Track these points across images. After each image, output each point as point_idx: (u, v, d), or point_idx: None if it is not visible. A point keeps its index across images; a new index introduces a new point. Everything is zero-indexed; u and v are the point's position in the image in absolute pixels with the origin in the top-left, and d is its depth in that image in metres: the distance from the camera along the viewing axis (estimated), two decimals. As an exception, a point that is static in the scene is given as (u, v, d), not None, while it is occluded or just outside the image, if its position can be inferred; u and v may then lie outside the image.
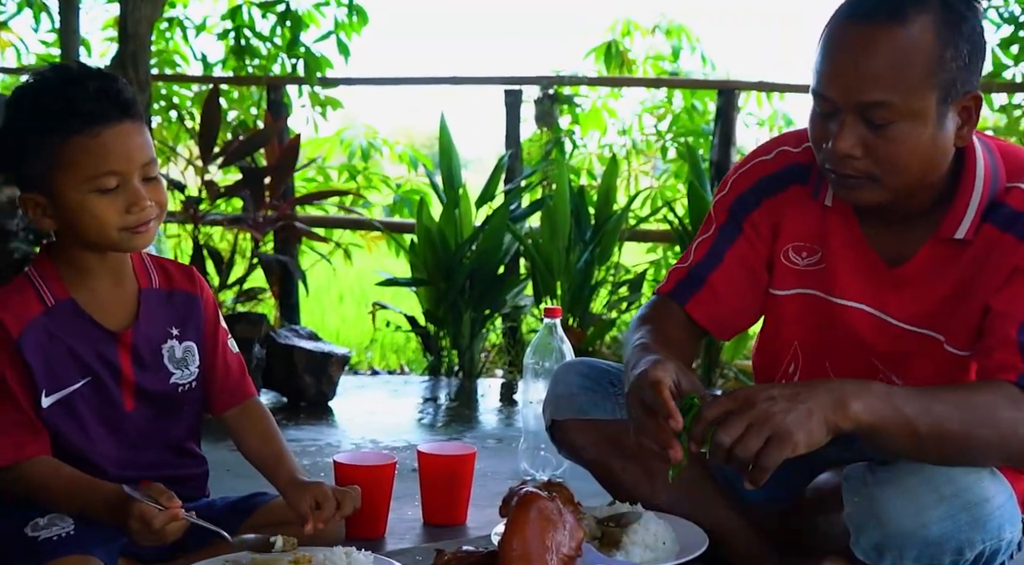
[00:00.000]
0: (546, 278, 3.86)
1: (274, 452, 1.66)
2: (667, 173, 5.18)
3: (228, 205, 4.27)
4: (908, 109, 1.40)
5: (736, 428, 1.27)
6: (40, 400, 1.53)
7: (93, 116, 1.46)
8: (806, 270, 1.63)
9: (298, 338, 3.37)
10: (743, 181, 1.69)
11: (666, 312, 1.70)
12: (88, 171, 1.47)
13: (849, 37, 1.41)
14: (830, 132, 1.44)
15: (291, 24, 4.74)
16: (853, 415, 1.30)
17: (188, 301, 1.67)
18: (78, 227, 1.51)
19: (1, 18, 5.20)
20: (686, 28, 5.47)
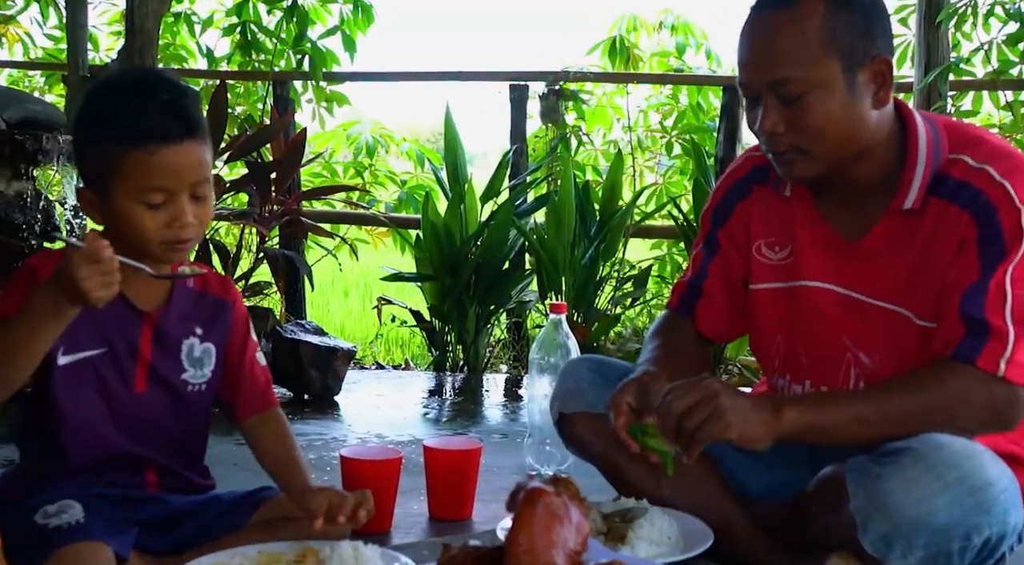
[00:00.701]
0: (551, 274, 3.87)
1: (290, 460, 1.67)
2: (672, 169, 5.18)
3: (234, 200, 4.28)
4: (812, 80, 1.52)
5: (686, 400, 1.46)
6: (56, 357, 1.54)
7: (153, 133, 1.49)
8: (778, 265, 1.72)
9: (304, 333, 3.38)
10: (718, 192, 1.82)
11: (674, 325, 1.83)
12: (138, 183, 1.50)
13: (752, 26, 1.58)
14: (758, 116, 1.57)
15: (297, 20, 4.75)
16: (787, 418, 1.47)
17: (218, 306, 1.70)
18: (121, 231, 1.54)
19: (9, 13, 5.21)
20: (691, 25, 5.46)
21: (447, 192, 3.99)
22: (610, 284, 4.02)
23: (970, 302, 1.49)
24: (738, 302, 1.79)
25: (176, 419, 1.66)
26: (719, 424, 1.45)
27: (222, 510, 1.64)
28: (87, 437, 1.58)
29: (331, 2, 4.91)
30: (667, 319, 1.86)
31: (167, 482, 1.65)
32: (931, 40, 3.81)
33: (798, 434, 1.49)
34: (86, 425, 1.58)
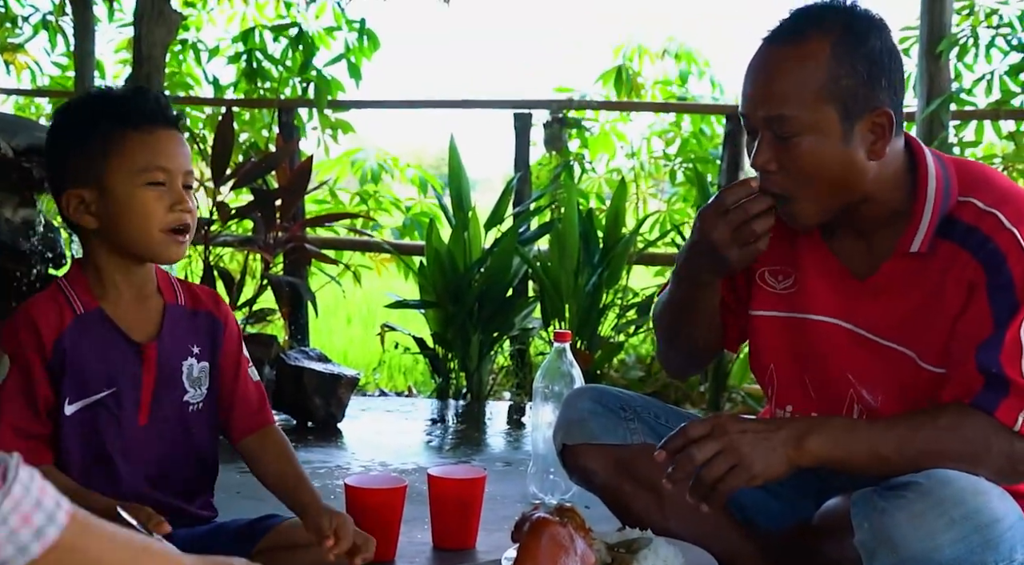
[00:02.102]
0: (555, 301, 3.87)
1: (293, 475, 1.66)
2: (675, 196, 5.20)
3: (239, 226, 4.30)
4: (808, 122, 1.50)
5: (708, 450, 1.42)
6: (63, 408, 1.56)
7: (149, 118, 1.57)
8: (781, 294, 1.70)
9: (308, 360, 3.38)
10: None
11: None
12: (141, 163, 1.55)
13: (757, 59, 1.57)
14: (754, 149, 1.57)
15: (303, 48, 4.79)
16: (808, 451, 1.45)
17: (211, 322, 1.70)
18: (121, 222, 1.56)
19: (17, 41, 5.26)
20: (694, 53, 5.50)
21: (451, 219, 4.00)
22: (613, 312, 4.02)
23: (986, 355, 1.47)
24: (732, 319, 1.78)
25: (183, 447, 1.66)
26: (744, 475, 1.42)
27: (226, 541, 1.63)
28: (96, 481, 1.58)
29: (335, 30, 4.95)
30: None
31: (174, 522, 1.65)
32: (932, 70, 3.84)
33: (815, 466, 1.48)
34: (95, 469, 1.59)
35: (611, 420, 1.82)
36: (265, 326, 4.09)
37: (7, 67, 5.27)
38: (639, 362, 4.07)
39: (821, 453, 1.45)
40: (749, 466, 1.41)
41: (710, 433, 1.44)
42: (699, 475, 1.42)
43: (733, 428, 1.44)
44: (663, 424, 1.85)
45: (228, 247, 4.13)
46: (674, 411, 1.90)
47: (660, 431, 1.83)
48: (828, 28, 1.51)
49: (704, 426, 1.45)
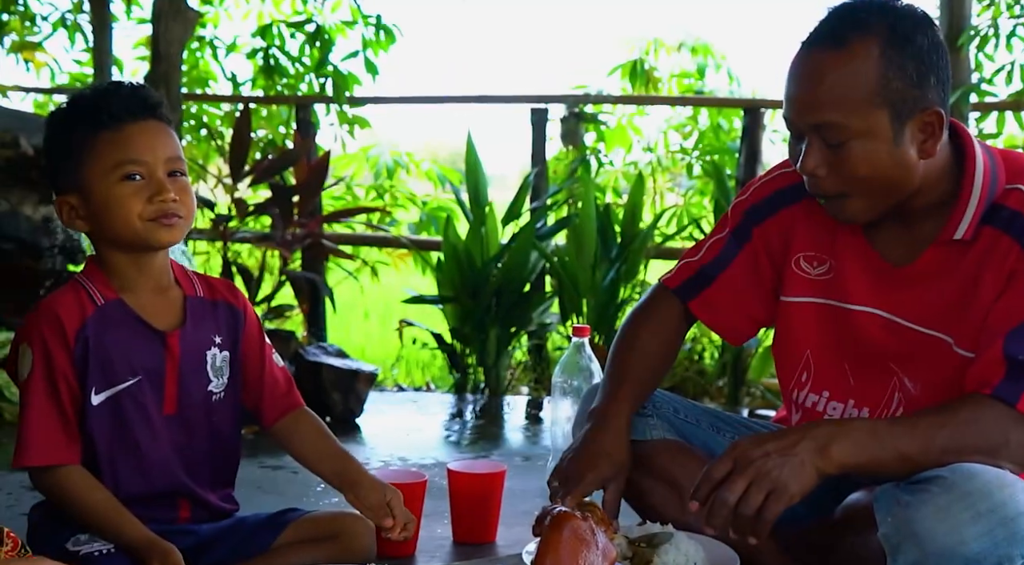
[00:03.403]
0: (572, 296, 3.87)
1: (335, 450, 1.68)
2: (692, 190, 5.18)
3: (256, 223, 4.31)
4: (859, 128, 1.48)
5: (739, 486, 1.38)
6: (89, 398, 1.56)
7: (120, 114, 1.56)
8: (817, 280, 1.69)
9: (326, 355, 3.39)
10: (763, 190, 1.76)
11: (666, 310, 1.81)
12: (113, 160, 1.54)
13: (801, 65, 1.53)
14: (800, 154, 1.54)
15: (320, 44, 4.79)
16: (835, 460, 1.41)
17: (231, 312, 1.70)
18: (105, 221, 1.56)
19: (36, 39, 5.28)
20: (711, 47, 5.47)
21: (468, 215, 4.00)
22: (631, 306, 4.01)
23: (1015, 343, 1.46)
24: (753, 301, 1.76)
25: (207, 437, 1.66)
26: (783, 498, 1.38)
27: (247, 533, 1.64)
28: (123, 471, 1.59)
29: (352, 24, 4.95)
30: (659, 300, 1.82)
31: (198, 513, 1.66)
32: (953, 62, 3.80)
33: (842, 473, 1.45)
34: (121, 459, 1.59)
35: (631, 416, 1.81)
36: (283, 322, 4.11)
37: (26, 65, 5.30)
38: (657, 357, 4.06)
39: (847, 460, 1.42)
40: (784, 488, 1.38)
41: (734, 467, 1.40)
42: (737, 513, 1.39)
43: (755, 454, 1.40)
44: (682, 419, 1.85)
45: (246, 243, 4.15)
46: (693, 405, 1.89)
47: (679, 426, 1.83)
48: (874, 29, 1.49)
49: (725, 462, 1.42)
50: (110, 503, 1.54)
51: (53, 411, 1.56)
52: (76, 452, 1.57)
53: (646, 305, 1.83)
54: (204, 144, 5.19)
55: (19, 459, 1.56)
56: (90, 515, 1.53)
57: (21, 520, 1.79)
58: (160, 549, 1.48)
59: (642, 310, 1.82)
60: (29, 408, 1.56)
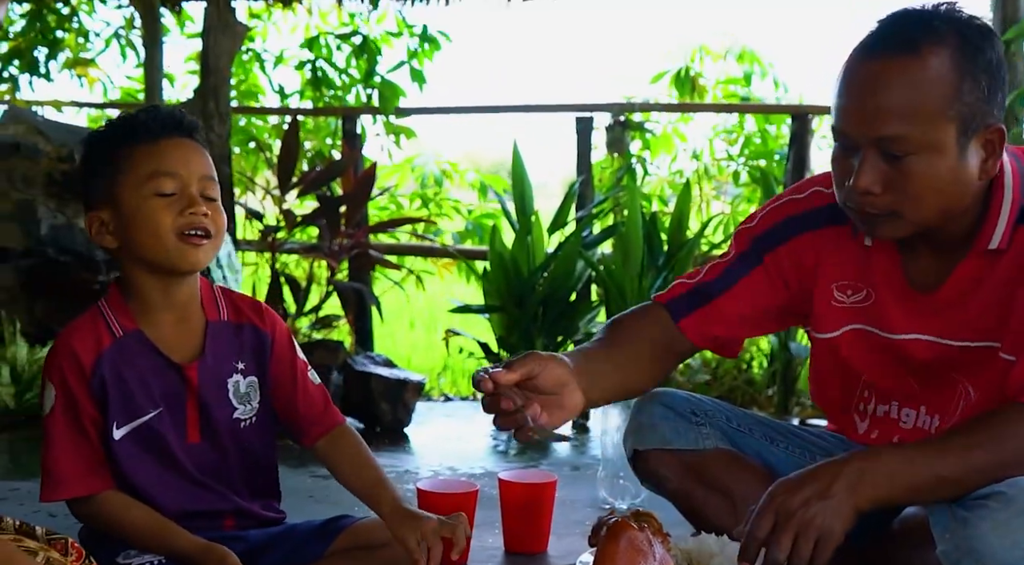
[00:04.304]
0: (619, 305, 3.84)
1: (372, 478, 1.63)
2: (739, 198, 5.14)
3: (304, 234, 4.35)
4: (926, 141, 1.40)
5: (786, 543, 1.36)
6: (111, 433, 1.57)
7: (155, 130, 1.57)
8: (854, 307, 1.63)
9: (374, 365, 3.41)
10: (772, 216, 1.69)
11: (650, 321, 1.72)
12: (146, 172, 1.55)
13: (864, 72, 1.42)
14: (851, 169, 1.45)
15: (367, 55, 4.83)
16: (870, 496, 1.39)
17: (256, 336, 1.67)
18: (134, 234, 1.55)
19: (89, 55, 5.39)
20: (757, 54, 5.43)
21: (513, 224, 4.00)
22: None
23: None
24: (748, 326, 1.72)
25: (238, 460, 1.66)
26: (830, 543, 1.36)
27: (299, 540, 1.64)
28: (158, 498, 1.59)
29: (397, 35, 5.00)
30: (646, 312, 1.73)
31: (243, 523, 1.66)
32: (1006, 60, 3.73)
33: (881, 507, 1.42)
34: (153, 487, 1.60)
35: (682, 424, 1.79)
36: (330, 332, 4.13)
37: (80, 81, 5.42)
38: (705, 366, 4.03)
39: (882, 494, 1.39)
40: (830, 533, 1.36)
41: (776, 522, 1.38)
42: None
43: (794, 503, 1.37)
44: (735, 428, 1.82)
45: (294, 254, 4.18)
46: (745, 414, 1.87)
47: (732, 435, 1.81)
48: (946, 37, 1.40)
49: (767, 518, 1.38)
50: (153, 519, 1.55)
51: (79, 443, 1.57)
52: (107, 478, 1.58)
53: (622, 317, 1.75)
54: (252, 156, 5.26)
55: (50, 493, 1.57)
56: (136, 533, 1.55)
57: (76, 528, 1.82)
58: (217, 554, 1.49)
59: (613, 321, 1.74)
60: (53, 442, 1.56)
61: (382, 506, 1.59)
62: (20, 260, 3.48)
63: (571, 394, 1.54)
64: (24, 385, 3.13)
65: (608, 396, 1.68)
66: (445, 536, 1.51)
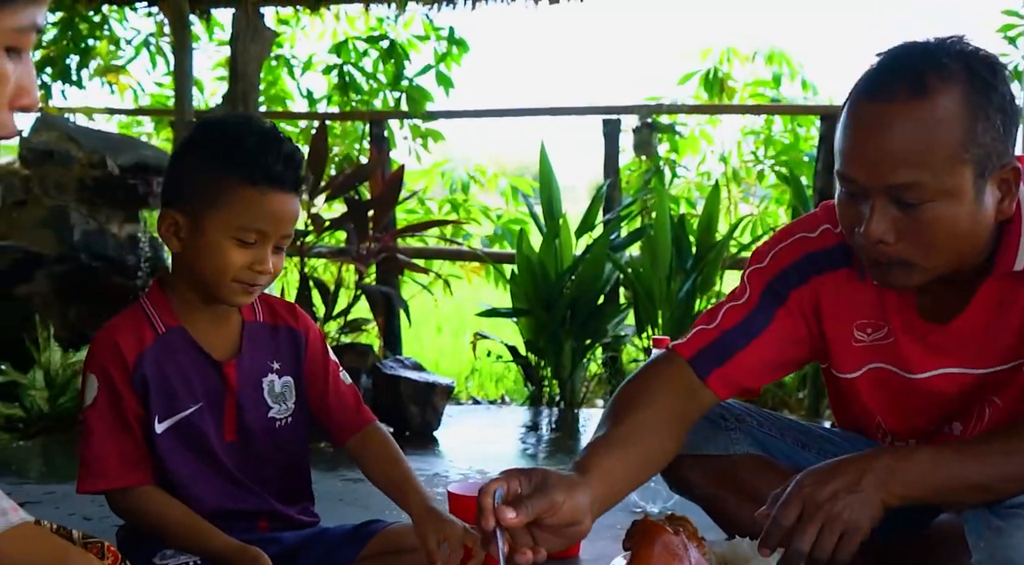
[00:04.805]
0: (647, 307, 3.84)
1: (400, 476, 1.64)
2: (768, 199, 5.11)
3: (332, 238, 4.37)
4: (941, 187, 1.32)
5: (810, 533, 1.32)
6: (153, 427, 1.58)
7: (273, 176, 1.54)
8: (875, 345, 1.57)
9: (403, 368, 3.41)
10: (786, 256, 1.60)
11: (673, 379, 1.57)
12: (241, 222, 1.54)
13: (870, 117, 1.33)
14: (861, 216, 1.37)
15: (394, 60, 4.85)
16: (898, 493, 1.36)
17: (291, 336, 1.70)
18: (200, 262, 1.56)
19: (120, 62, 5.45)
20: (788, 55, 5.40)
21: (541, 227, 4.00)
22: (709, 317, 3.96)
23: None
24: (777, 371, 1.66)
25: (274, 461, 1.67)
26: (855, 537, 1.33)
27: (332, 544, 1.65)
28: (196, 495, 1.60)
29: (424, 39, 5.01)
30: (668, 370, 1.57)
31: (277, 525, 1.67)
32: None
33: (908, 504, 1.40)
34: (193, 484, 1.61)
35: (712, 430, 1.76)
36: (359, 336, 4.15)
37: (111, 88, 5.48)
38: (734, 369, 4.01)
39: (910, 492, 1.37)
40: (856, 528, 1.33)
41: (802, 512, 1.35)
42: (812, 557, 1.33)
43: (822, 494, 1.34)
44: (766, 433, 1.80)
45: (322, 258, 4.20)
46: (776, 418, 1.85)
47: (762, 440, 1.79)
48: (955, 74, 1.32)
49: (793, 507, 1.35)
50: (190, 518, 1.56)
51: (120, 435, 1.58)
52: (147, 472, 1.59)
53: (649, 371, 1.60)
54: (280, 161, 5.30)
55: (89, 484, 1.58)
56: (172, 531, 1.55)
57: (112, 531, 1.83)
58: (251, 555, 1.49)
59: (643, 375, 1.59)
60: (93, 435, 1.57)
61: (410, 504, 1.60)
62: (53, 266, 3.52)
63: (582, 524, 1.34)
64: (58, 389, 3.17)
65: (630, 489, 1.51)
66: (468, 545, 1.51)
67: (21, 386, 3.13)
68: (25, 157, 3.66)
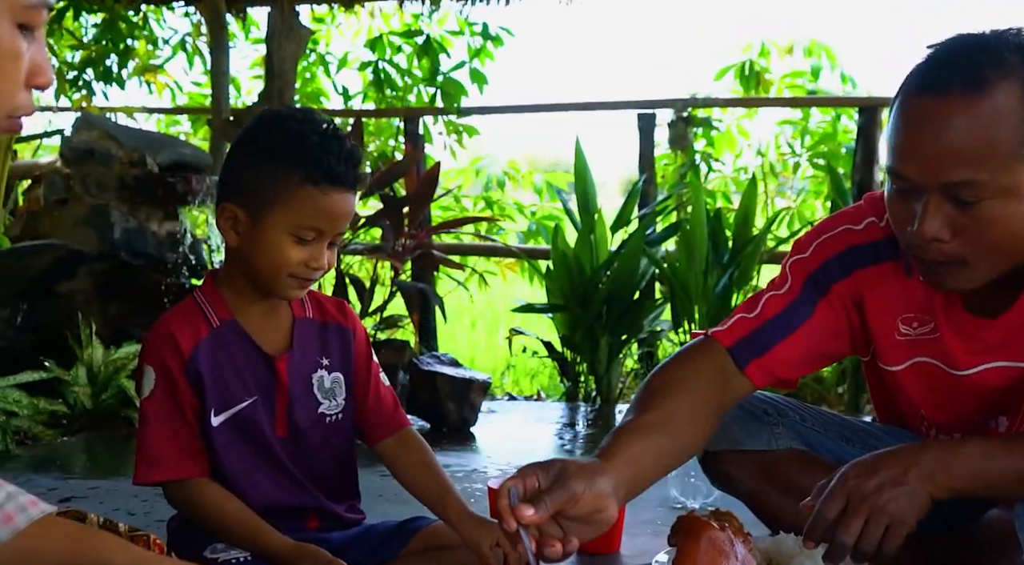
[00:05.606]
0: (684, 302, 3.82)
1: (437, 483, 1.65)
2: (804, 193, 5.07)
3: (367, 235, 4.39)
4: (999, 186, 1.28)
5: (855, 526, 1.30)
6: (209, 420, 1.59)
7: (334, 175, 1.55)
8: (920, 339, 1.55)
9: (440, 364, 3.42)
10: (830, 247, 1.59)
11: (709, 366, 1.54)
12: (300, 220, 1.55)
13: (925, 112, 1.29)
14: (913, 213, 1.34)
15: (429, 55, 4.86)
16: (946, 485, 1.34)
17: (340, 333, 1.71)
18: (257, 257, 1.57)
19: (158, 62, 5.50)
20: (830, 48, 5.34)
21: (575, 223, 3.99)
22: (746, 312, 3.93)
23: None
24: (816, 361, 1.64)
25: (324, 455, 1.67)
26: (901, 530, 1.31)
27: (376, 541, 1.65)
28: (249, 490, 1.61)
29: (459, 34, 5.02)
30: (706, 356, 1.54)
31: (327, 524, 1.68)
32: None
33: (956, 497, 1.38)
34: (247, 478, 1.61)
35: (754, 424, 1.75)
36: (395, 332, 4.16)
37: (148, 87, 5.53)
38: (772, 364, 3.97)
39: (958, 484, 1.34)
40: (901, 521, 1.31)
41: (847, 505, 1.33)
42: (858, 549, 1.32)
43: (868, 487, 1.32)
44: (808, 427, 1.79)
45: (358, 255, 4.22)
46: (818, 413, 1.83)
47: (805, 434, 1.77)
48: (1014, 70, 1.28)
49: (838, 500, 1.33)
50: (245, 514, 1.57)
51: (178, 426, 1.59)
52: (204, 465, 1.60)
53: (686, 356, 1.57)
54: (316, 158, 5.33)
55: (145, 474, 1.59)
56: (227, 526, 1.56)
57: (156, 526, 1.85)
58: (308, 552, 1.50)
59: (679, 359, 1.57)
60: (150, 425, 1.59)
61: (449, 511, 1.60)
62: (95, 264, 3.56)
63: (607, 511, 1.30)
64: (100, 386, 3.21)
65: (657, 476, 1.45)
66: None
67: (64, 383, 3.17)
68: (67, 156, 3.71)
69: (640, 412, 1.45)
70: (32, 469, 2.74)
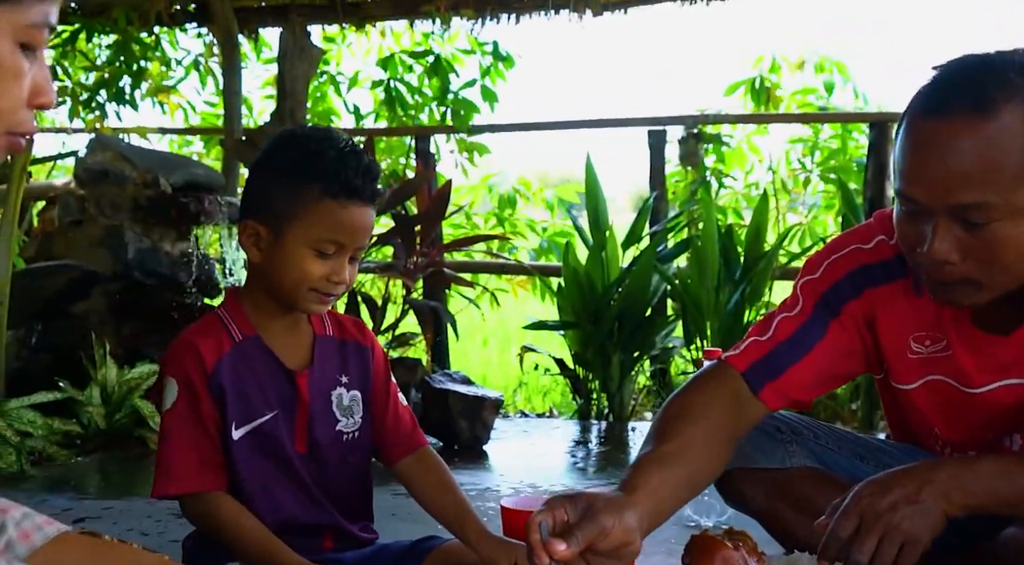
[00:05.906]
0: (696, 319, 3.81)
1: (455, 502, 1.65)
2: (816, 208, 5.06)
3: (379, 253, 4.40)
4: (1008, 207, 1.28)
5: (869, 545, 1.30)
6: (230, 433, 1.60)
7: (353, 189, 1.56)
8: (932, 357, 1.55)
9: (452, 382, 3.42)
10: (840, 267, 1.59)
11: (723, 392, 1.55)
12: (320, 234, 1.56)
13: (931, 135, 1.30)
14: (922, 235, 1.34)
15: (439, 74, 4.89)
16: (961, 503, 1.33)
17: (359, 351, 1.72)
18: (279, 272, 1.59)
19: (170, 83, 5.55)
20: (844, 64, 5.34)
21: (586, 239, 4.00)
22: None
23: None
24: (829, 383, 1.64)
25: (341, 472, 1.68)
26: (916, 549, 1.31)
27: (390, 561, 1.65)
28: (266, 505, 1.61)
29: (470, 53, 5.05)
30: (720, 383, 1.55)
31: (341, 544, 1.68)
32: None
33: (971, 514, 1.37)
34: (265, 493, 1.62)
35: (768, 442, 1.75)
36: (407, 350, 4.17)
37: (161, 107, 5.58)
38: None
39: (973, 502, 1.34)
40: (916, 539, 1.31)
41: (860, 523, 1.32)
42: None
43: (881, 505, 1.32)
44: (822, 445, 1.78)
45: (370, 273, 4.23)
46: (832, 430, 1.82)
47: (819, 452, 1.76)
48: (1017, 90, 1.28)
49: (851, 519, 1.33)
50: (261, 531, 1.57)
51: (199, 439, 1.60)
52: (222, 477, 1.61)
53: (698, 383, 1.57)
54: (328, 177, 5.36)
55: (164, 487, 1.59)
56: (242, 540, 1.56)
57: (169, 546, 1.85)
58: None
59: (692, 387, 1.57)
60: (171, 438, 1.59)
61: (468, 531, 1.60)
62: (109, 284, 3.58)
63: (633, 544, 1.32)
64: (114, 406, 3.22)
65: (676, 507, 1.48)
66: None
67: (78, 403, 3.18)
68: (81, 177, 3.74)
69: (658, 442, 1.46)
70: (46, 489, 2.75)
